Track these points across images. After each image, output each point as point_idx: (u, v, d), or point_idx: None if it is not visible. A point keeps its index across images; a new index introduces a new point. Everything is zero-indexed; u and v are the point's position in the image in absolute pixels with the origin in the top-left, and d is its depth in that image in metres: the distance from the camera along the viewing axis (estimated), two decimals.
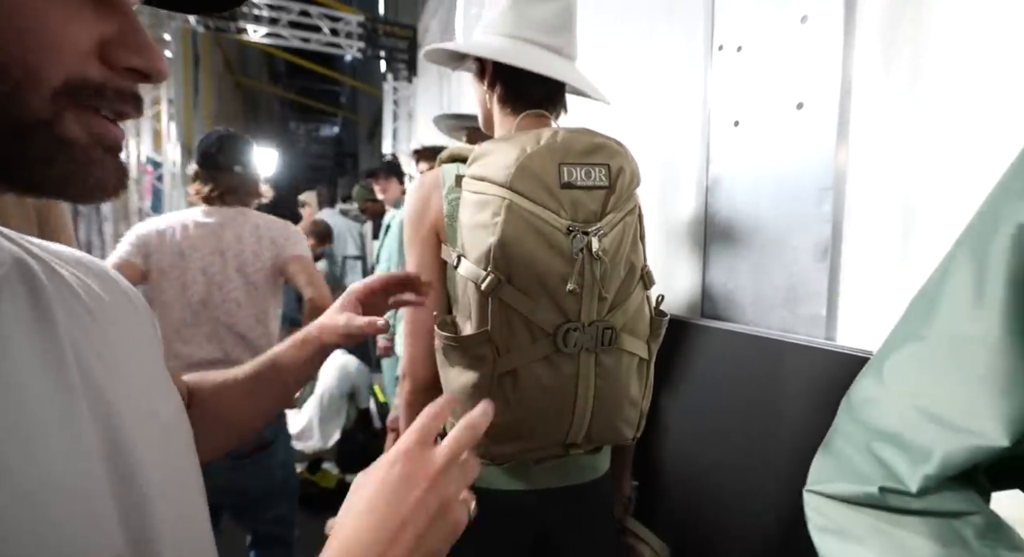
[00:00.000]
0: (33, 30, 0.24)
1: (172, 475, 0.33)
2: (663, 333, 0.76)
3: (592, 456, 0.79)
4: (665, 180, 1.17)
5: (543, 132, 0.66)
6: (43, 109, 0.25)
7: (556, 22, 0.76)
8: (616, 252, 0.65)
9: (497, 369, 0.64)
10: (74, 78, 0.25)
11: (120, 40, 0.27)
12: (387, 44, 4.51)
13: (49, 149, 0.25)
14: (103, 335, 0.32)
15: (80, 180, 0.26)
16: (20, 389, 0.26)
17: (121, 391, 0.31)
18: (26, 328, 0.28)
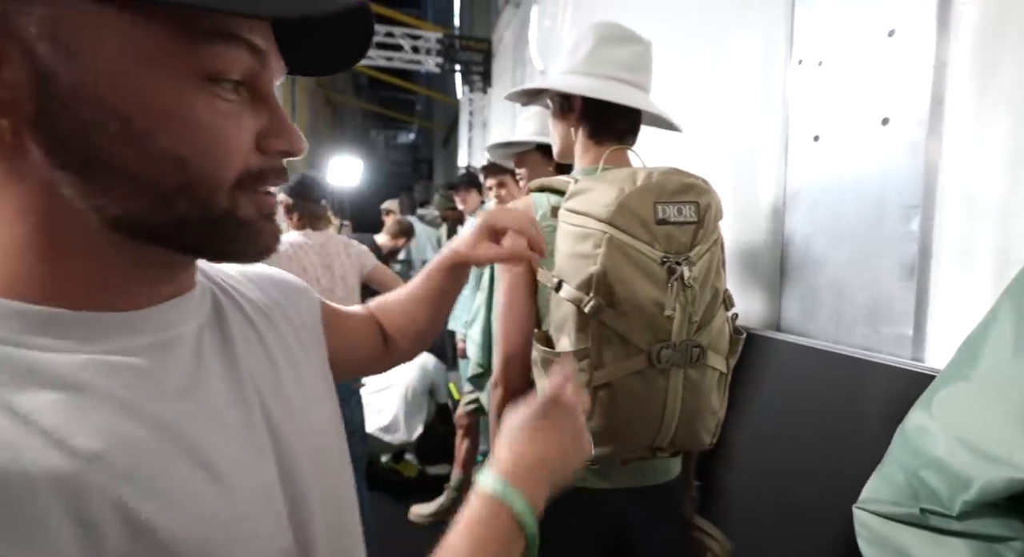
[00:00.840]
0: (214, 145, 0.29)
1: (328, 492, 0.39)
2: (740, 350, 0.80)
3: (667, 460, 0.84)
4: (740, 194, 1.17)
5: (638, 173, 0.73)
6: (226, 202, 0.30)
7: (638, 62, 0.84)
8: (704, 279, 0.72)
9: (593, 381, 0.71)
10: (243, 172, 0.30)
11: (270, 131, 0.32)
12: (463, 58, 4.72)
13: (232, 230, 0.31)
14: (273, 365, 0.38)
15: (252, 248, 0.32)
16: (223, 424, 0.31)
17: (291, 424, 0.36)
18: (220, 366, 0.34)
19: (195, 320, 0.34)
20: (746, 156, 1.17)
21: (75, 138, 0.26)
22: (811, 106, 0.98)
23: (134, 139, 0.27)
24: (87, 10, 0.26)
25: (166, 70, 0.27)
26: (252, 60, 0.30)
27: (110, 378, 0.28)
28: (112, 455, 0.26)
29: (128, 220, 0.28)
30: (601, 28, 0.84)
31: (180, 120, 0.28)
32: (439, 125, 11.02)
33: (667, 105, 0.90)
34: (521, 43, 3.75)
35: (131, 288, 0.31)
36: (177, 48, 0.27)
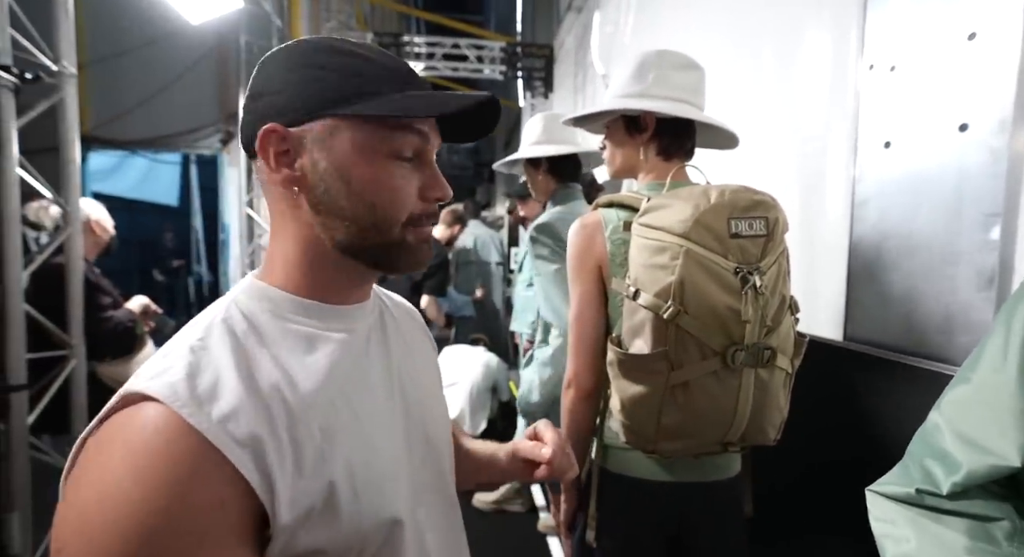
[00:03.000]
0: (393, 197, 0.45)
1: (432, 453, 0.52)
2: (803, 351, 0.84)
3: (729, 456, 0.89)
4: (806, 201, 1.16)
5: (710, 190, 0.78)
6: (398, 234, 0.46)
7: (699, 86, 0.92)
8: (773, 286, 0.78)
9: (670, 381, 0.77)
10: (409, 215, 0.46)
11: (429, 184, 0.47)
12: (525, 65, 4.81)
13: (402, 253, 0.47)
14: (413, 363, 0.54)
15: (413, 263, 0.48)
16: (376, 397, 0.47)
17: (416, 394, 0.52)
18: (380, 360, 0.50)
19: (367, 321, 0.51)
20: (812, 163, 1.16)
21: (324, 194, 0.44)
22: (882, 112, 0.97)
23: (351, 195, 0.44)
24: (335, 125, 0.44)
25: (370, 154, 0.44)
26: (419, 141, 0.46)
27: (325, 344, 0.45)
28: (312, 395, 0.42)
29: (345, 243, 0.45)
30: (664, 55, 0.90)
31: (375, 182, 0.44)
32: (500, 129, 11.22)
33: (730, 113, 0.93)
34: (583, 48, 3.78)
35: (343, 292, 0.48)
36: (376, 139, 0.44)
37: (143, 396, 0.35)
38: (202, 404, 0.36)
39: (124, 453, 0.33)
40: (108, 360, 1.88)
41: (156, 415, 0.34)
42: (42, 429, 1.80)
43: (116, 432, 0.35)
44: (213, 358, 0.39)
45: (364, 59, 0.45)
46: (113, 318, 1.84)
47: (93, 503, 0.32)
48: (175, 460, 0.33)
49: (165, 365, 0.38)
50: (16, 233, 1.55)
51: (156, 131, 4.12)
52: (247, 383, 0.39)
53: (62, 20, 1.72)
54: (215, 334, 0.41)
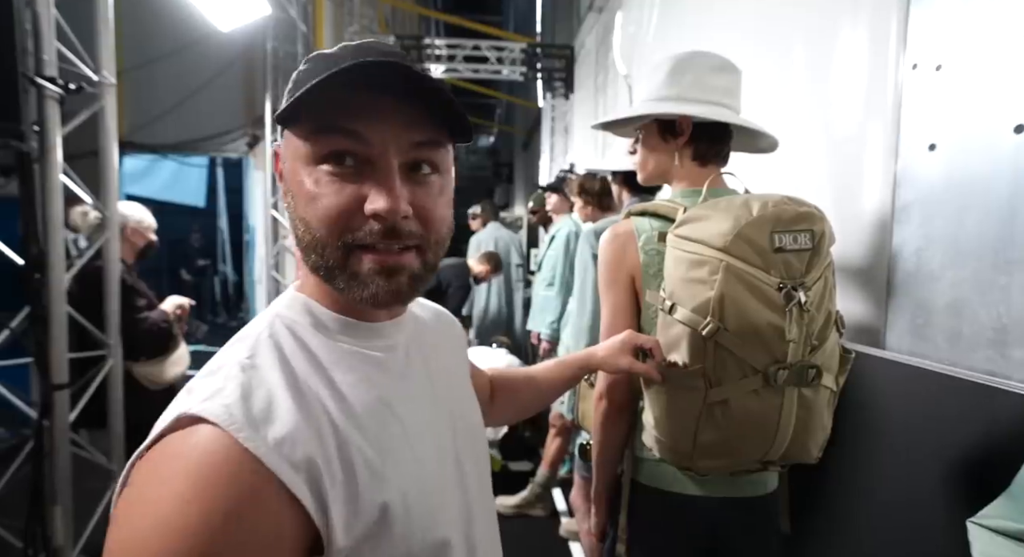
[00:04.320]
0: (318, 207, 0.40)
1: (476, 465, 0.52)
2: (848, 368, 0.81)
3: (764, 472, 0.86)
4: (842, 206, 1.13)
5: (751, 202, 0.75)
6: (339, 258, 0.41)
7: (735, 88, 0.89)
8: (818, 303, 0.74)
9: (708, 399, 0.75)
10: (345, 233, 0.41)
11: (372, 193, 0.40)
12: (546, 65, 4.80)
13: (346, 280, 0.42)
14: (446, 366, 0.53)
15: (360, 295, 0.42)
16: (422, 415, 0.46)
17: (457, 408, 0.51)
18: (421, 375, 0.49)
19: (404, 335, 0.49)
20: (848, 166, 1.12)
21: (288, 209, 0.43)
22: (927, 113, 0.93)
23: (295, 209, 0.42)
24: (286, 137, 0.43)
25: (302, 162, 0.41)
26: (348, 141, 0.39)
27: (366, 363, 0.44)
28: (361, 416, 0.41)
29: (306, 263, 0.43)
30: (699, 56, 0.88)
31: (303, 194, 0.41)
32: (519, 129, 11.21)
33: (758, 115, 0.91)
34: (604, 48, 3.75)
35: (357, 310, 0.45)
36: (301, 144, 0.41)
37: (198, 418, 0.35)
38: (258, 427, 0.35)
39: (182, 477, 0.32)
40: (143, 360, 1.93)
41: (213, 439, 0.34)
42: (81, 425, 1.86)
43: (172, 455, 0.34)
44: (264, 377, 0.38)
45: (324, 59, 0.42)
46: (148, 319, 1.90)
47: (150, 528, 0.31)
48: (233, 485, 0.32)
49: (217, 385, 0.37)
50: (59, 237, 1.61)
51: (186, 135, 4.23)
52: (298, 404, 0.38)
53: (102, 32, 1.78)
54: (263, 352, 0.40)
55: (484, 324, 3.61)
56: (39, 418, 1.59)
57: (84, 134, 1.78)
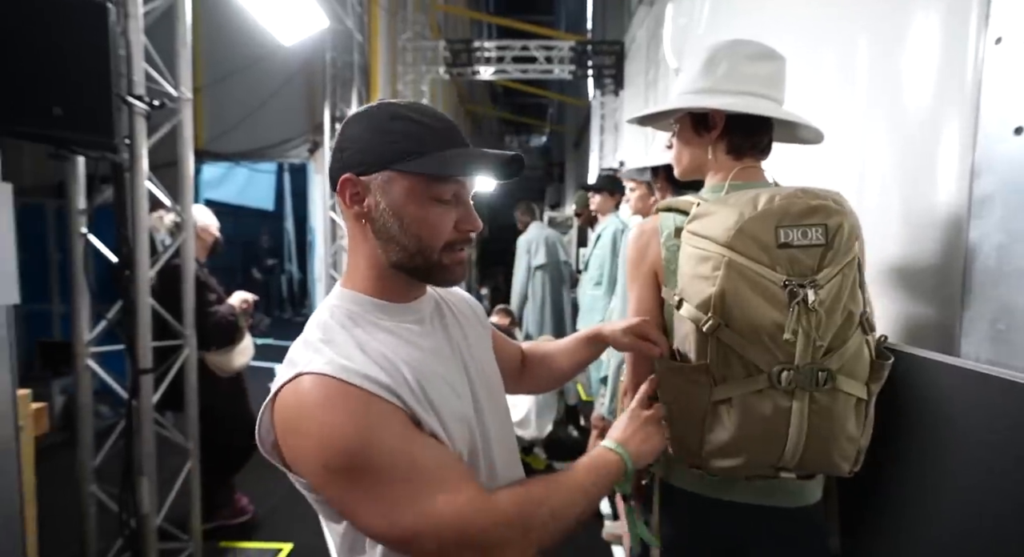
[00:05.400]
0: (434, 231, 0.61)
1: (494, 409, 0.70)
2: (885, 375, 0.75)
3: (801, 482, 0.82)
4: (907, 198, 1.05)
5: (760, 195, 0.73)
6: (437, 258, 0.62)
7: (776, 77, 0.84)
8: (833, 302, 0.70)
9: (713, 396, 0.74)
10: (445, 243, 0.62)
11: (463, 218, 0.63)
12: (595, 62, 4.75)
13: (439, 271, 0.63)
14: (464, 333, 0.72)
15: (450, 279, 0.65)
16: (449, 362, 0.65)
17: (474, 365, 0.69)
18: (441, 333, 0.68)
19: (428, 309, 0.69)
20: (917, 155, 1.03)
21: (382, 227, 0.62)
22: (1013, 93, 0.83)
23: (402, 229, 0.61)
24: (392, 176, 0.60)
25: (417, 198, 0.61)
26: (456, 187, 0.62)
27: (410, 335, 0.63)
28: (417, 371, 0.59)
29: (397, 262, 0.63)
30: (737, 45, 0.84)
31: (420, 220, 0.61)
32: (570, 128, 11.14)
33: (818, 103, 0.84)
34: (655, 42, 3.66)
35: (405, 292, 0.66)
36: (422, 187, 0.60)
37: (314, 374, 0.54)
38: (346, 370, 0.55)
39: (326, 403, 0.53)
40: (213, 350, 2.12)
41: (324, 382, 0.54)
42: (164, 407, 2.08)
43: (307, 395, 0.54)
44: (340, 344, 0.58)
45: (417, 123, 0.60)
46: (217, 313, 2.08)
47: (328, 427, 0.52)
48: (354, 398, 0.54)
49: (316, 356, 0.56)
50: (145, 238, 1.80)
51: (255, 143, 4.57)
52: (370, 355, 0.58)
53: (181, 53, 1.97)
54: (332, 329, 0.60)
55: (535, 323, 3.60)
56: (128, 399, 1.80)
57: (165, 146, 1.98)
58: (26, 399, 1.30)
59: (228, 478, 2.29)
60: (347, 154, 0.61)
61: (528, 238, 3.57)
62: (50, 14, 1.41)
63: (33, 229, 4.20)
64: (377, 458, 0.52)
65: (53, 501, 1.72)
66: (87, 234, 1.78)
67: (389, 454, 0.53)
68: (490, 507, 0.55)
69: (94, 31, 1.48)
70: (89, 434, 1.86)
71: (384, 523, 0.53)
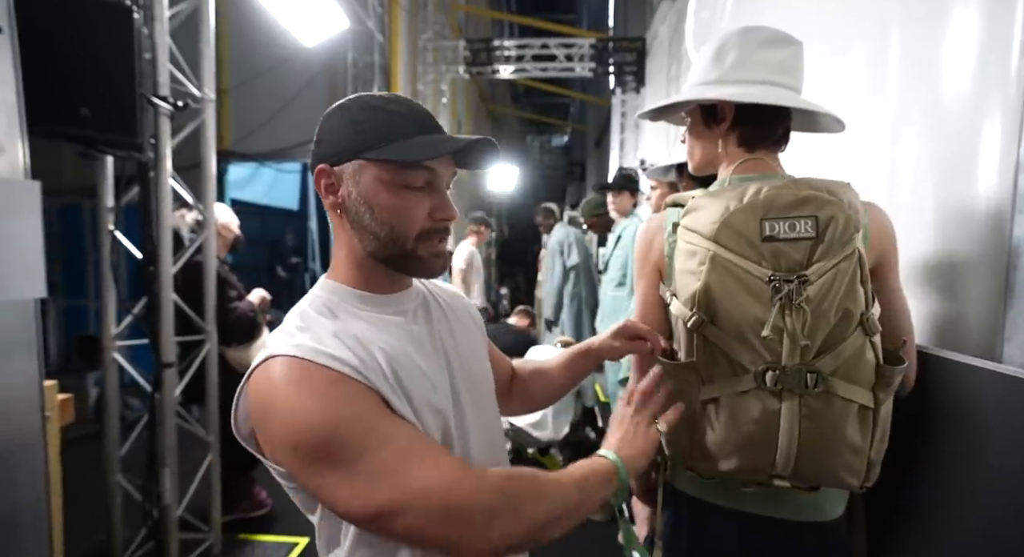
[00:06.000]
0: (406, 218, 0.60)
1: (478, 401, 0.69)
2: (895, 382, 0.71)
3: (811, 495, 0.77)
4: (943, 193, 0.99)
5: (748, 188, 0.71)
6: (411, 247, 0.61)
7: (791, 64, 0.80)
8: (823, 299, 0.67)
9: (702, 395, 0.73)
10: (419, 231, 0.61)
11: (436, 206, 0.62)
12: (616, 59, 4.69)
13: (414, 262, 0.62)
14: (451, 329, 0.70)
15: (424, 271, 0.63)
16: (427, 352, 0.64)
17: (458, 362, 0.67)
18: (424, 327, 0.67)
19: (414, 303, 0.68)
20: (955, 148, 0.97)
21: (355, 216, 0.61)
22: None
23: (374, 217, 0.60)
24: (363, 165, 0.60)
25: (387, 185, 0.60)
26: (427, 174, 0.61)
27: (388, 325, 0.62)
28: (391, 357, 0.58)
29: (372, 252, 0.62)
30: (748, 32, 0.81)
31: (390, 208, 0.60)
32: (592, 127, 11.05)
33: (849, 95, 0.79)
34: (677, 38, 3.59)
35: (386, 284, 0.65)
36: (391, 175, 0.60)
37: (283, 355, 0.54)
38: (317, 352, 0.55)
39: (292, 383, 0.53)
40: (233, 346, 2.17)
41: (293, 363, 0.54)
42: (189, 401, 2.13)
43: (276, 374, 0.54)
44: (314, 331, 0.57)
45: (388, 113, 0.60)
46: (237, 309, 2.12)
47: (294, 407, 0.52)
48: (320, 377, 0.53)
49: (285, 339, 0.57)
50: (169, 235, 1.85)
51: (280, 144, 4.67)
52: (343, 340, 0.57)
53: (205, 54, 2.01)
54: (309, 317, 0.60)
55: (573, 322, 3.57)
56: (152, 392, 1.85)
57: (193, 147, 2.03)
58: (53, 390, 1.34)
59: (248, 471, 2.33)
60: (322, 146, 0.62)
61: (558, 239, 3.52)
62: (77, 17, 1.45)
63: (73, 228, 4.38)
64: (348, 436, 0.51)
65: (83, 489, 1.78)
66: (114, 231, 1.83)
67: (361, 432, 0.51)
68: (475, 475, 0.53)
69: (119, 33, 1.52)
70: (115, 426, 1.92)
71: (360, 501, 0.51)
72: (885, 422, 0.72)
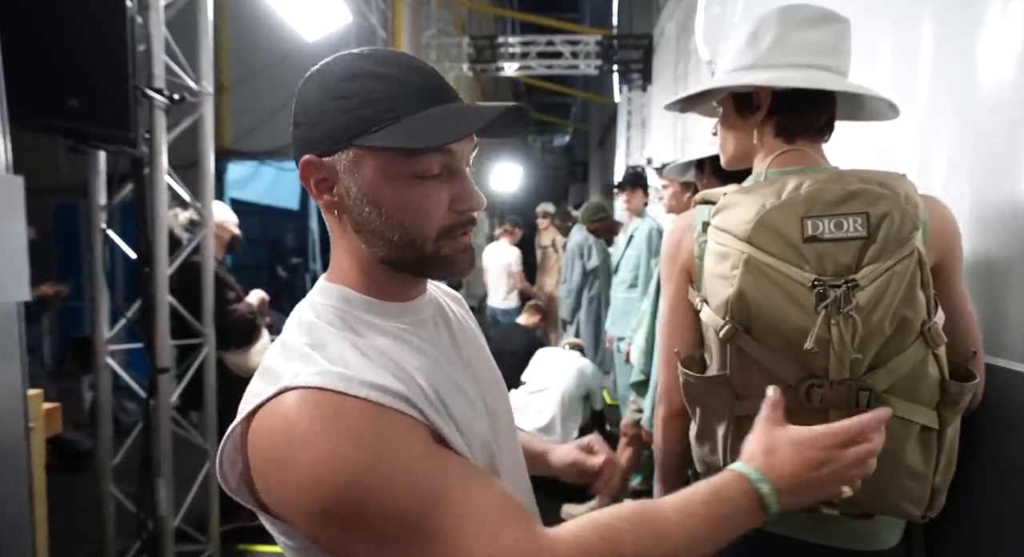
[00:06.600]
0: (421, 216, 0.47)
1: (504, 419, 0.58)
2: (964, 400, 0.64)
3: (864, 523, 0.70)
4: (985, 189, 0.92)
5: (788, 183, 0.65)
6: (432, 248, 0.49)
7: (835, 43, 0.73)
8: (876, 306, 0.60)
9: (735, 412, 0.66)
10: (440, 228, 0.48)
11: (460, 196, 0.49)
12: (622, 57, 4.63)
13: (439, 263, 0.50)
14: (469, 339, 0.60)
15: (452, 272, 0.51)
16: (455, 365, 0.53)
17: (480, 371, 0.57)
18: (447, 336, 0.56)
19: (430, 310, 0.56)
20: (996, 140, 0.91)
21: (358, 217, 0.48)
22: None
23: (382, 217, 0.47)
24: (360, 154, 0.46)
25: (395, 178, 0.47)
26: (444, 158, 0.47)
27: (408, 336, 0.50)
28: (431, 379, 0.47)
29: (386, 259, 0.49)
30: (787, 11, 0.73)
31: (402, 205, 0.47)
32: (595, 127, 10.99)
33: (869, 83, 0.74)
34: (685, 34, 3.52)
35: (400, 291, 0.52)
36: (399, 164, 0.46)
37: (302, 388, 0.42)
38: (349, 380, 0.43)
39: (323, 424, 0.40)
40: (232, 349, 2.09)
41: (321, 399, 0.42)
42: (188, 408, 2.05)
43: (296, 416, 0.41)
44: (333, 349, 0.46)
45: (381, 80, 0.46)
46: (236, 311, 2.05)
47: (328, 457, 0.40)
48: (360, 413, 0.42)
49: (301, 366, 0.44)
50: (164, 234, 1.77)
51: (280, 142, 4.59)
52: (374, 360, 0.46)
53: (203, 45, 1.93)
54: (320, 331, 0.47)
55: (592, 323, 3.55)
56: (147, 398, 1.77)
57: (192, 144, 1.96)
58: (38, 399, 1.27)
59: None
60: (303, 130, 0.48)
61: (577, 242, 3.54)
62: (66, 2, 1.38)
63: (68, 227, 4.32)
64: (396, 492, 0.40)
65: (77, 497, 1.70)
66: (106, 230, 1.76)
67: (413, 485, 0.40)
68: (544, 550, 0.41)
69: (111, 21, 1.45)
70: (108, 432, 1.84)
71: None
72: (952, 445, 0.66)
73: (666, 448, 0.84)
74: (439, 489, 0.41)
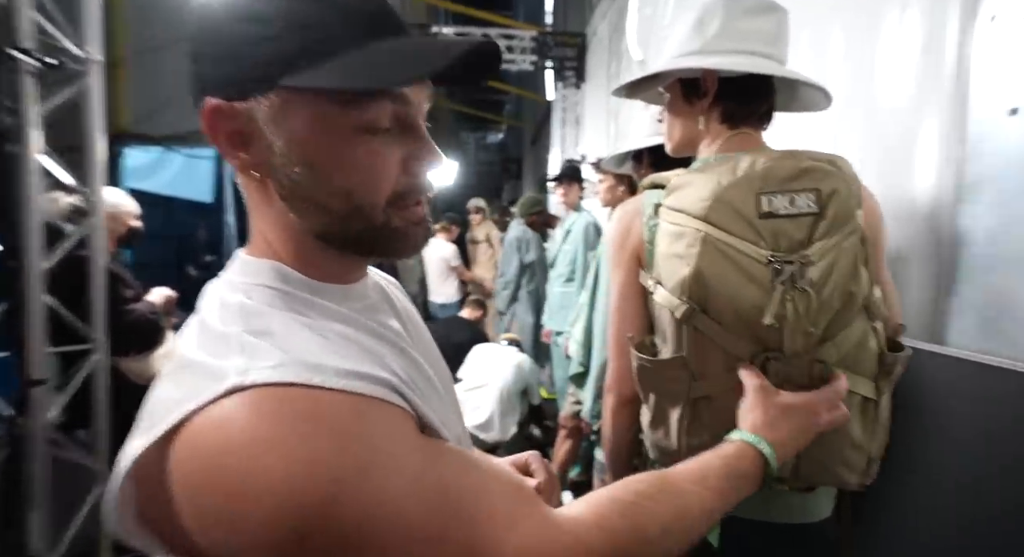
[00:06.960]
0: (369, 176, 0.38)
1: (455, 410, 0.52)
2: (898, 371, 0.68)
3: (803, 495, 0.73)
4: (890, 181, 0.99)
5: (741, 161, 0.65)
6: (382, 218, 0.40)
7: (776, 31, 0.75)
8: (826, 280, 0.61)
9: (692, 393, 0.67)
10: (391, 194, 0.39)
11: (415, 155, 0.40)
12: (557, 54, 4.67)
13: (389, 239, 0.41)
14: (414, 324, 0.53)
15: (405, 248, 0.42)
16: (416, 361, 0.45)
17: (430, 360, 0.49)
18: (398, 325, 0.48)
19: (376, 294, 0.49)
20: (898, 138, 0.99)
21: (286, 181, 0.38)
22: (1008, 73, 0.79)
23: (318, 180, 0.38)
24: (287, 97, 0.36)
25: (334, 130, 0.37)
26: (394, 105, 0.38)
27: (367, 325, 0.42)
28: (395, 361, 0.40)
29: (323, 234, 0.40)
30: (731, 0, 0.74)
31: (345, 165, 0.38)
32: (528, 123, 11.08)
33: None
34: (617, 34, 3.60)
35: (340, 272, 0.43)
36: (339, 112, 0.37)
37: (258, 386, 0.32)
38: (320, 371, 0.34)
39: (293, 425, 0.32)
40: (132, 355, 1.83)
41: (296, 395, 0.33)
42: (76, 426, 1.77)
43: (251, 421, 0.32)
44: (282, 334, 0.36)
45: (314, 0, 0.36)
46: (135, 311, 1.80)
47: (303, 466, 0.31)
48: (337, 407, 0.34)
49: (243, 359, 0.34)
50: (36, 223, 1.51)
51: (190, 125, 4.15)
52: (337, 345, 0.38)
53: (90, 3, 1.67)
54: (260, 314, 0.37)
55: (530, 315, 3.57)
56: (14, 416, 1.50)
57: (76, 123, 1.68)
58: None
59: None
60: (206, 64, 0.37)
61: (516, 236, 3.56)
62: None
63: None
64: (396, 498, 0.33)
65: None
66: None
67: (414, 487, 0.34)
68: (567, 536, 0.38)
69: None
70: None
71: None
72: (886, 415, 0.69)
73: (616, 437, 0.83)
74: (440, 483, 0.35)
